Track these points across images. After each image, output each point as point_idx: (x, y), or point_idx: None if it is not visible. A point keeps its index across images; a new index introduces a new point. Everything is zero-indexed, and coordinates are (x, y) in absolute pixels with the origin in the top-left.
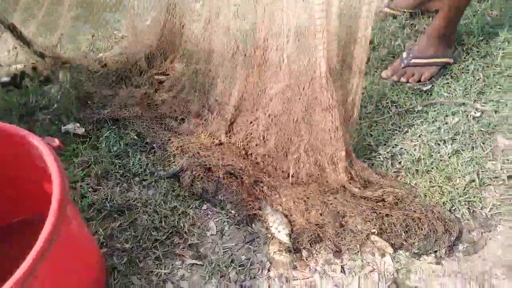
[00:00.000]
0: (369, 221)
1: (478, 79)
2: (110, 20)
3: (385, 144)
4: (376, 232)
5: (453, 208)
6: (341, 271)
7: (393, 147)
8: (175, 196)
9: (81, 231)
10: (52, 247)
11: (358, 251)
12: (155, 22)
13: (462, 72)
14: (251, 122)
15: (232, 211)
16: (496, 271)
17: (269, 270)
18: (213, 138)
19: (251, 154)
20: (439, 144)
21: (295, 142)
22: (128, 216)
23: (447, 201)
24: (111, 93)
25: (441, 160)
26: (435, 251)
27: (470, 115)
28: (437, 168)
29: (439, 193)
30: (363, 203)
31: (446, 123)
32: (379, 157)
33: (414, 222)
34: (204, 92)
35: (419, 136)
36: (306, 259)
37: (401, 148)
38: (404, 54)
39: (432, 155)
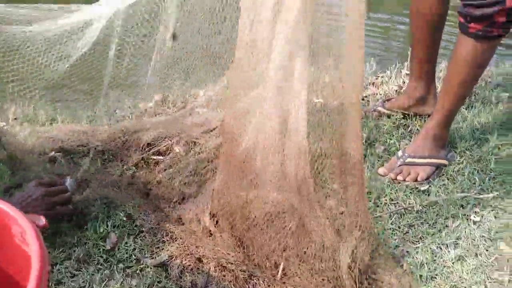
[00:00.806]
0: None
1: (474, 183)
2: (111, 97)
3: (385, 245)
4: None
5: None
6: None
7: (394, 248)
8: None
9: None
10: None
11: None
12: (157, 104)
13: (458, 174)
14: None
15: None
16: None
17: None
18: (203, 228)
19: (245, 242)
20: (441, 248)
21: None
22: None
23: None
24: (104, 170)
25: (445, 266)
26: None
27: (470, 219)
28: (441, 274)
29: None
30: None
31: (447, 226)
32: (381, 258)
33: None
34: (201, 177)
35: (420, 238)
36: None
37: (402, 250)
38: (400, 153)
39: (435, 260)
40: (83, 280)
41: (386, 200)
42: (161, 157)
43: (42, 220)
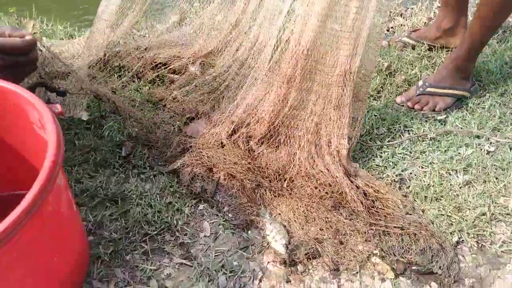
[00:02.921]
0: (370, 241)
1: (494, 116)
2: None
3: (394, 167)
4: (378, 254)
5: (461, 239)
6: None
7: (402, 171)
8: (172, 192)
9: (69, 208)
10: (34, 214)
11: (357, 272)
12: (175, 26)
13: (478, 107)
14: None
15: (229, 215)
16: None
17: (260, 281)
18: (216, 140)
19: (255, 157)
20: (450, 174)
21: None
22: (121, 207)
23: (455, 231)
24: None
25: (451, 190)
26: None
27: (484, 149)
28: (447, 197)
29: (448, 223)
30: (360, 215)
31: (459, 154)
32: (388, 179)
33: (410, 238)
34: (216, 95)
35: (430, 163)
36: (301, 274)
37: (411, 173)
38: (420, 82)
39: (442, 184)
40: (100, 181)
41: (400, 127)
42: (176, 76)
43: (58, 107)
